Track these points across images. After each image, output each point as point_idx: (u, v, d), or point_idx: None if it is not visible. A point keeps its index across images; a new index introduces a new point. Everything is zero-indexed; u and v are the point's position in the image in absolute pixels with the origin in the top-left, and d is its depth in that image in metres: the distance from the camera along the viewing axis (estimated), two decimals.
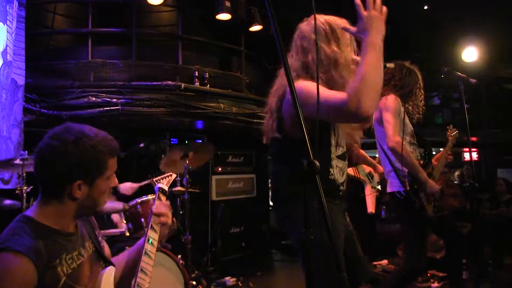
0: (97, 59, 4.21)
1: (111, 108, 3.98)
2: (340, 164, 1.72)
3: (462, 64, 6.19)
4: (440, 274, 3.94)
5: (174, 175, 1.70)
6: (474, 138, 7.49)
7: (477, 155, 8.76)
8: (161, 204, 1.50)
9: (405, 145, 2.56)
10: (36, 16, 4.72)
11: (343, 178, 1.74)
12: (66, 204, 1.23)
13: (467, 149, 6.12)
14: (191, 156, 3.44)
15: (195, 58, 4.81)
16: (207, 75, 4.55)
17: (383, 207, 5.56)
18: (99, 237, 1.43)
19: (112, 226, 3.20)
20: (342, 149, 1.75)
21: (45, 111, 3.87)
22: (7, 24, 3.40)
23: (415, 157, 2.68)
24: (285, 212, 1.70)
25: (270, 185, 1.78)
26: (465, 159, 8.60)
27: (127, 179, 3.32)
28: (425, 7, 6.54)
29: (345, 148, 1.78)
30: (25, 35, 3.66)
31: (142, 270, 1.34)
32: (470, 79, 2.79)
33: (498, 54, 7.26)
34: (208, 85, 4.52)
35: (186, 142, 4.76)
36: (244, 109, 4.78)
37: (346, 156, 1.78)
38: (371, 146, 3.22)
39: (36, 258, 1.12)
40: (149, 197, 3.06)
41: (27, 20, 3.70)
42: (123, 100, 4.02)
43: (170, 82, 4.24)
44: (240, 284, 4.15)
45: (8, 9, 3.42)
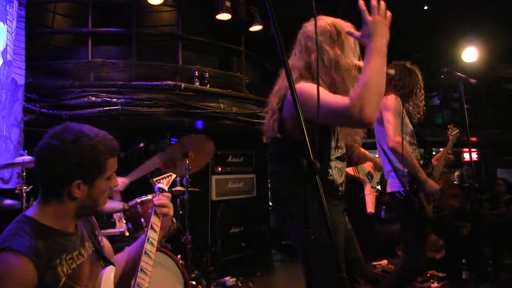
0: (97, 59, 4.21)
1: (111, 108, 3.98)
2: (339, 165, 1.73)
3: (462, 64, 6.19)
4: (440, 274, 3.94)
5: (174, 175, 1.70)
6: (474, 138, 7.50)
7: (477, 155, 8.77)
8: (163, 196, 1.52)
9: (405, 145, 2.57)
10: (36, 16, 4.72)
11: (342, 179, 1.75)
12: (66, 204, 1.23)
13: (467, 150, 6.13)
14: (191, 154, 3.41)
15: (195, 58, 4.81)
16: (207, 75, 4.55)
17: (383, 207, 5.56)
18: (99, 237, 1.43)
19: (113, 226, 3.20)
20: (342, 151, 1.76)
21: (45, 111, 3.87)
22: (7, 24, 3.40)
23: (415, 157, 2.69)
24: (285, 212, 1.71)
25: (270, 185, 1.78)
26: (465, 159, 8.61)
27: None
28: (425, 8, 6.54)
29: (344, 150, 1.79)
30: (25, 35, 3.65)
31: (142, 270, 1.35)
32: (470, 79, 2.80)
33: (498, 54, 7.26)
34: (208, 85, 4.53)
35: None
36: (244, 109, 4.78)
37: (345, 157, 1.79)
38: (371, 146, 3.21)
39: (36, 258, 1.12)
40: (149, 197, 3.06)
41: (27, 20, 3.70)
42: (123, 100, 4.02)
43: (170, 82, 4.24)
44: (240, 284, 4.15)
45: (8, 9, 3.42)
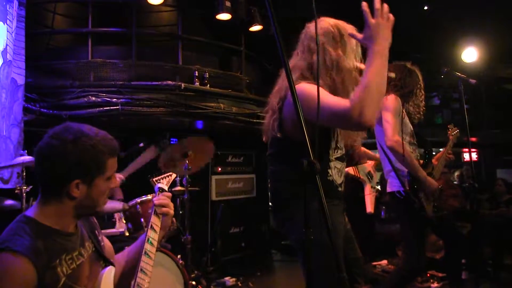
0: (97, 59, 4.20)
1: (111, 108, 3.98)
2: (339, 166, 1.74)
3: (462, 65, 6.19)
4: (440, 275, 3.94)
5: (174, 175, 1.70)
6: (474, 139, 7.50)
7: (477, 156, 8.77)
8: (163, 196, 1.52)
9: (404, 145, 2.57)
10: (36, 16, 4.71)
11: (341, 179, 1.76)
12: (65, 204, 1.23)
13: (467, 150, 6.12)
14: (191, 154, 3.41)
15: (195, 58, 4.81)
16: (207, 75, 4.54)
17: (383, 207, 5.57)
18: (100, 237, 1.43)
19: (113, 226, 3.19)
20: (341, 151, 1.77)
21: (45, 111, 3.87)
22: (7, 24, 3.40)
23: (415, 157, 2.69)
24: (285, 212, 1.71)
25: (269, 185, 1.77)
26: (465, 160, 8.61)
27: (127, 179, 3.32)
28: (425, 8, 6.54)
29: (344, 150, 1.80)
30: (25, 35, 3.65)
31: (142, 270, 1.34)
32: (470, 80, 2.80)
33: (498, 55, 7.27)
34: (208, 85, 4.52)
35: None
36: (244, 109, 4.78)
37: (345, 158, 1.80)
38: (372, 146, 3.22)
39: (36, 259, 1.12)
40: (149, 197, 3.06)
41: (27, 20, 3.70)
42: (123, 100, 4.02)
43: (170, 82, 4.23)
44: (240, 284, 4.15)
45: (8, 9, 3.42)
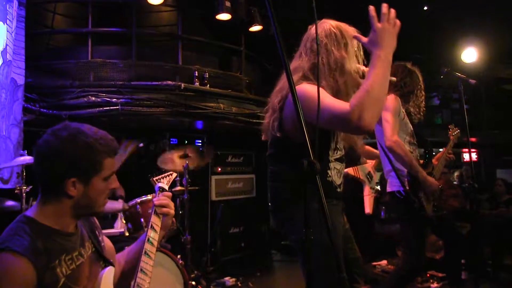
0: (97, 59, 4.20)
1: (111, 108, 3.97)
2: (338, 167, 1.74)
3: (462, 65, 6.19)
4: (440, 275, 3.94)
5: (175, 174, 1.69)
6: (474, 139, 7.50)
7: (477, 156, 8.77)
8: (163, 196, 1.52)
9: (403, 144, 2.57)
10: (36, 16, 4.71)
11: (341, 180, 1.77)
12: (63, 203, 1.22)
13: (467, 150, 6.12)
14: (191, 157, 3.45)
15: (195, 58, 4.81)
16: (207, 75, 4.54)
17: (383, 208, 5.57)
18: (100, 237, 1.42)
19: (113, 226, 3.20)
20: (341, 152, 1.77)
21: (45, 111, 3.86)
22: (7, 24, 3.39)
23: (415, 157, 2.69)
24: (285, 213, 1.70)
25: (268, 185, 1.76)
26: (464, 160, 8.61)
27: (127, 179, 3.32)
28: (425, 8, 6.54)
29: (343, 151, 1.80)
30: (25, 35, 3.65)
31: (142, 270, 1.34)
32: (470, 80, 2.80)
33: (498, 55, 7.27)
34: (208, 85, 4.52)
35: (186, 142, 4.76)
36: (244, 109, 4.78)
37: (344, 159, 1.80)
38: (372, 146, 3.22)
39: (35, 259, 1.12)
40: (149, 197, 3.06)
41: (27, 20, 3.69)
42: (123, 100, 4.01)
43: (170, 82, 4.23)
44: (240, 284, 4.15)
45: (8, 9, 3.42)
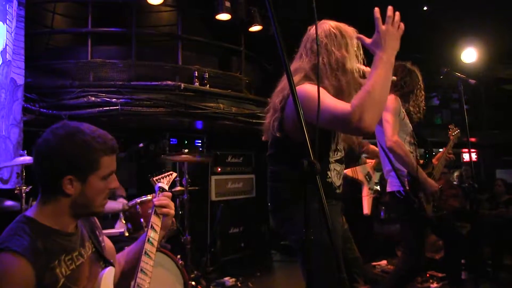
0: (97, 59, 4.20)
1: (111, 108, 3.96)
2: (338, 168, 1.75)
3: (462, 65, 6.19)
4: (439, 275, 3.94)
5: (175, 174, 1.69)
6: (473, 139, 7.50)
7: (476, 156, 8.78)
8: (163, 196, 1.51)
9: (404, 145, 2.57)
10: (36, 16, 4.71)
11: (340, 181, 1.77)
12: (61, 202, 1.22)
13: (466, 150, 6.12)
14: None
15: (195, 58, 4.81)
16: (207, 75, 4.54)
17: (382, 208, 5.57)
18: (100, 237, 1.42)
19: (113, 226, 3.20)
20: (341, 154, 1.78)
21: (45, 111, 3.86)
22: (7, 24, 3.39)
23: (415, 157, 2.68)
24: (285, 213, 1.70)
25: (268, 185, 1.77)
26: (464, 160, 8.61)
27: (127, 179, 3.32)
28: (425, 8, 6.54)
29: (344, 153, 1.81)
30: (25, 35, 3.64)
31: (142, 271, 1.34)
32: (470, 80, 2.80)
33: (497, 55, 7.27)
34: (208, 85, 4.52)
35: (186, 142, 4.76)
36: (244, 110, 4.77)
37: (344, 160, 1.81)
38: None
39: (35, 259, 1.12)
40: (149, 197, 3.05)
41: (27, 20, 3.69)
42: (123, 100, 4.01)
43: (170, 82, 4.23)
44: (239, 285, 4.14)
45: (8, 9, 3.41)
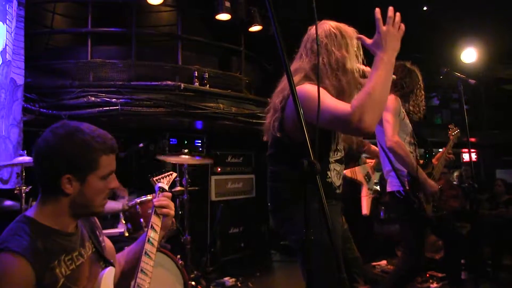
0: (97, 59, 4.20)
1: (111, 108, 3.96)
2: (338, 168, 1.75)
3: (461, 65, 6.19)
4: (439, 275, 3.94)
5: (175, 174, 1.69)
6: (473, 139, 7.50)
7: (476, 156, 8.78)
8: (163, 196, 1.51)
9: (404, 145, 2.57)
10: (36, 16, 4.71)
11: (340, 181, 1.77)
12: (61, 201, 1.22)
13: (466, 150, 6.12)
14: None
15: (195, 58, 4.81)
16: (207, 75, 4.54)
17: (382, 208, 5.57)
18: (101, 237, 1.42)
19: (113, 226, 3.19)
20: (341, 154, 1.78)
21: (45, 111, 3.86)
22: (7, 24, 3.39)
23: (415, 158, 2.68)
24: (285, 213, 1.71)
25: (268, 185, 1.77)
26: (464, 160, 8.62)
27: (127, 180, 3.32)
28: (425, 8, 6.54)
29: (344, 153, 1.81)
30: (25, 35, 3.64)
31: (142, 271, 1.34)
32: (469, 80, 2.80)
33: (497, 55, 7.27)
34: (208, 85, 4.51)
35: (186, 142, 4.76)
36: (244, 110, 4.77)
37: (344, 161, 1.81)
38: None
39: (34, 259, 1.11)
40: (148, 197, 3.05)
41: (27, 20, 3.69)
42: (123, 100, 4.01)
43: (170, 82, 4.22)
44: (239, 285, 4.15)
45: (8, 9, 3.41)
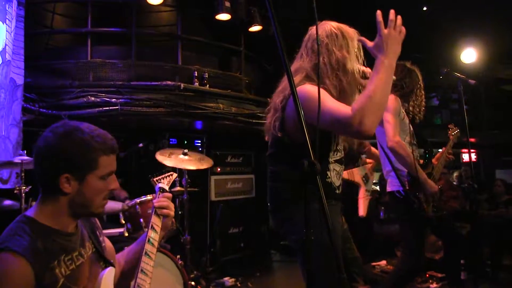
0: (97, 59, 4.20)
1: (110, 108, 3.97)
2: (337, 168, 1.75)
3: (461, 65, 6.19)
4: (439, 275, 3.94)
5: (175, 175, 1.68)
6: (473, 139, 7.51)
7: (476, 156, 8.79)
8: (163, 197, 1.51)
9: (405, 145, 2.57)
10: (36, 16, 4.71)
11: (339, 182, 1.77)
12: (60, 201, 1.22)
13: (466, 150, 6.12)
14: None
15: (195, 58, 4.81)
16: (207, 75, 4.54)
17: (382, 208, 5.57)
18: (101, 237, 1.42)
19: (113, 226, 3.19)
20: (340, 154, 1.78)
21: (44, 111, 3.86)
22: (7, 24, 3.39)
23: (415, 158, 2.68)
24: (285, 213, 1.71)
25: (268, 185, 1.77)
26: (464, 160, 8.62)
27: (127, 180, 3.31)
28: (424, 8, 6.54)
29: (343, 153, 1.81)
30: (24, 35, 3.64)
31: (142, 271, 1.34)
32: (469, 80, 2.80)
33: (497, 55, 7.27)
34: (208, 85, 4.52)
35: (185, 142, 4.76)
36: (243, 110, 4.77)
37: (343, 161, 1.81)
38: (372, 147, 3.22)
39: (34, 259, 1.11)
40: (148, 197, 3.05)
41: (26, 20, 3.69)
42: (123, 100, 4.01)
43: (170, 82, 4.23)
44: (239, 285, 4.15)
45: (8, 8, 3.41)
